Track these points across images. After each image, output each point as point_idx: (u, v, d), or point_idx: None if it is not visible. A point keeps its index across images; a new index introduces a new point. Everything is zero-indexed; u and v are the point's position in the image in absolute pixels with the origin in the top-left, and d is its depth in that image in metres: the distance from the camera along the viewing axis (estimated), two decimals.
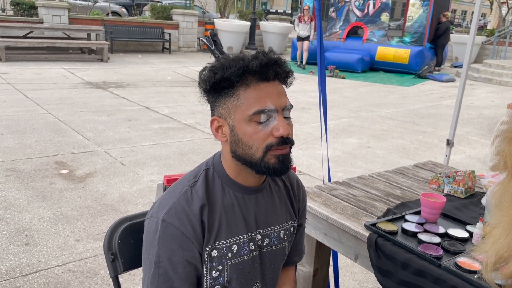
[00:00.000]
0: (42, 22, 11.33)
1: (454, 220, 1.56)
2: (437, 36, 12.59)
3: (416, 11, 12.13)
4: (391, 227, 1.45)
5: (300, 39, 12.09)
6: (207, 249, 1.08)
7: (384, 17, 12.53)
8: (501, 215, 0.65)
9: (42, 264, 2.61)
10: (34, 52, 10.50)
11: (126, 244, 1.26)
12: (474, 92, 9.95)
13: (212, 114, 1.11)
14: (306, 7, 12.05)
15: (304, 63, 12.10)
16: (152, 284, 1.07)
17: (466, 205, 1.72)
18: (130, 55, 12.38)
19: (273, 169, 1.06)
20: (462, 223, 1.53)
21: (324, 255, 1.87)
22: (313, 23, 11.81)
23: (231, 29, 14.26)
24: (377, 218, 1.56)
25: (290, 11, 32.09)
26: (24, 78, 7.94)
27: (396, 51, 12.06)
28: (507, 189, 0.65)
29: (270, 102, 1.03)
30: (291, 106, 1.09)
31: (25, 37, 10.77)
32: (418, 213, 1.57)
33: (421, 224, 1.48)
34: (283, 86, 1.10)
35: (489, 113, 7.74)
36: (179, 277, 1.06)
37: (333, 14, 13.30)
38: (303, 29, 11.97)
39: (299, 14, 12.40)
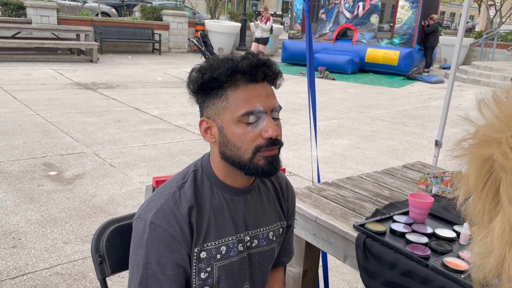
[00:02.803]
0: (30, 23, 11.22)
1: (441, 220, 1.57)
2: (426, 38, 12.71)
3: (405, 13, 12.23)
4: (379, 227, 1.46)
5: (256, 40, 11.77)
6: (196, 250, 1.08)
7: (374, 19, 12.62)
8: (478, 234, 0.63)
9: (29, 267, 2.58)
10: (22, 52, 10.39)
11: (113, 246, 1.25)
12: (462, 93, 10.06)
13: (201, 115, 1.10)
14: (262, 8, 12.00)
15: None
16: (140, 285, 1.06)
17: (453, 205, 1.73)
18: (120, 56, 12.31)
19: (261, 170, 1.06)
20: (449, 223, 1.54)
21: (313, 256, 1.88)
22: (269, 23, 11.55)
23: (222, 30, 14.25)
24: (366, 219, 1.57)
25: (280, 13, 32.16)
26: (12, 79, 7.85)
27: (385, 53, 12.15)
28: (476, 210, 0.63)
29: (259, 103, 1.03)
30: (280, 108, 1.09)
31: (13, 37, 10.65)
32: (406, 213, 1.58)
33: (409, 225, 1.49)
34: (272, 87, 1.10)
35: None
36: (168, 279, 1.06)
37: (323, 16, 13.36)
38: (258, 30, 11.66)
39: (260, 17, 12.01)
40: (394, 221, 1.52)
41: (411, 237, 1.40)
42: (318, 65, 11.23)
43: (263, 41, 11.75)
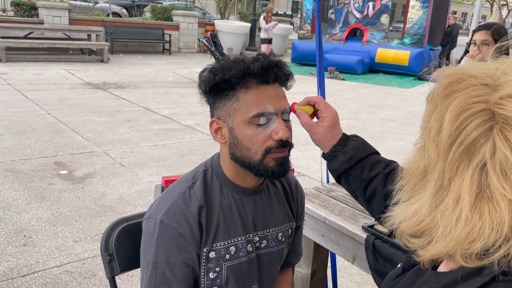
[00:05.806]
0: (42, 23, 11.34)
1: None
2: (452, 39, 12.62)
3: (416, 13, 12.14)
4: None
5: (267, 41, 11.41)
6: (205, 250, 1.08)
7: (384, 18, 12.55)
8: None
9: (40, 264, 2.61)
10: (34, 52, 10.50)
11: (123, 245, 1.26)
12: None
13: (212, 116, 1.10)
14: (269, 7, 11.79)
15: None
16: (149, 285, 1.07)
17: None
18: (130, 56, 12.39)
19: (271, 172, 1.06)
20: None
21: (322, 257, 1.87)
22: (270, 24, 11.34)
23: (231, 31, 14.27)
24: (375, 220, 1.56)
25: (290, 13, 32.10)
26: (24, 79, 7.94)
27: (396, 53, 12.07)
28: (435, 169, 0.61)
29: (270, 105, 1.03)
30: (291, 109, 1.09)
31: (25, 37, 10.77)
32: None
33: None
34: (283, 88, 1.10)
35: None
36: (177, 279, 1.06)
37: (332, 16, 13.31)
38: (271, 30, 11.36)
39: (263, 14, 11.61)
40: None
41: None
42: (328, 65, 11.19)
43: (270, 40, 11.63)
